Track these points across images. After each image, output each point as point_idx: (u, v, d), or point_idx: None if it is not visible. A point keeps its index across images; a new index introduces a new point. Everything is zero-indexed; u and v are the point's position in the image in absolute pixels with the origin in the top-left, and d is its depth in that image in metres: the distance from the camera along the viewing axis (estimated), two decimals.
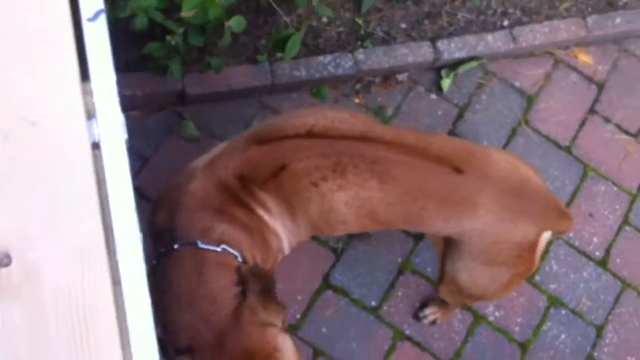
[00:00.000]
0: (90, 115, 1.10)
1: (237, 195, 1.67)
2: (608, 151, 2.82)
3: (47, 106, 1.08)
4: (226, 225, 1.67)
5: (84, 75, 1.14)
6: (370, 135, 1.69)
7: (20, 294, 1.00)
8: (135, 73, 2.40)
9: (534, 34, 2.79)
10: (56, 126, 1.08)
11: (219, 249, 1.63)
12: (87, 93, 1.11)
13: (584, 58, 2.92)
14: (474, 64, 2.76)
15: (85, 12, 1.15)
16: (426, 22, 2.75)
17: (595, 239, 2.70)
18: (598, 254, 2.68)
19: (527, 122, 2.79)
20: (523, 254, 1.80)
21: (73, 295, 1.01)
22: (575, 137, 2.81)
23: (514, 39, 2.77)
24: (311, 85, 2.61)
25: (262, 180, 1.67)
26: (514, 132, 2.77)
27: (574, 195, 2.73)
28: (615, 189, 2.78)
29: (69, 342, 0.99)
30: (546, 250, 2.63)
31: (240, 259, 1.64)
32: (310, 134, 1.68)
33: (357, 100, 2.67)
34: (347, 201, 1.69)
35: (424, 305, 2.46)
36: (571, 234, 2.67)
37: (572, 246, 2.67)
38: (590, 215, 2.72)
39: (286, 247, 1.79)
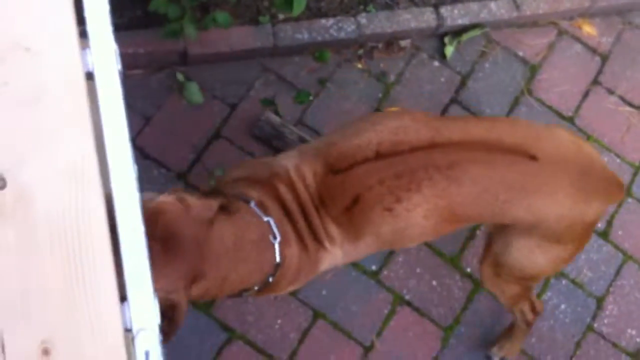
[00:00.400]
0: (84, 45, 1.10)
1: (309, 216, 1.67)
2: (611, 123, 2.81)
3: (42, 33, 1.08)
4: (290, 228, 1.66)
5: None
6: (439, 140, 1.66)
7: (15, 216, 1.00)
8: (138, 31, 2.39)
9: (537, 3, 2.77)
10: (50, 53, 1.07)
11: (275, 242, 1.61)
12: (81, 22, 1.11)
13: (588, 29, 2.90)
14: (477, 31, 2.75)
15: None
16: None
17: None
18: (600, 225, 2.67)
19: (530, 92, 2.78)
20: (589, 230, 1.86)
21: (67, 216, 1.01)
22: (578, 108, 2.80)
23: (518, 7, 2.75)
24: (313, 48, 2.60)
25: (335, 212, 1.67)
26: (516, 101, 2.76)
27: None
28: (618, 160, 2.77)
29: (63, 263, 0.99)
30: None
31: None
32: (379, 155, 1.65)
33: (359, 66, 2.66)
34: (425, 215, 1.67)
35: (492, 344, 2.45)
36: None
37: None
38: None
39: (330, 266, 1.78)
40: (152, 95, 2.47)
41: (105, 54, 1.10)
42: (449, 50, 2.72)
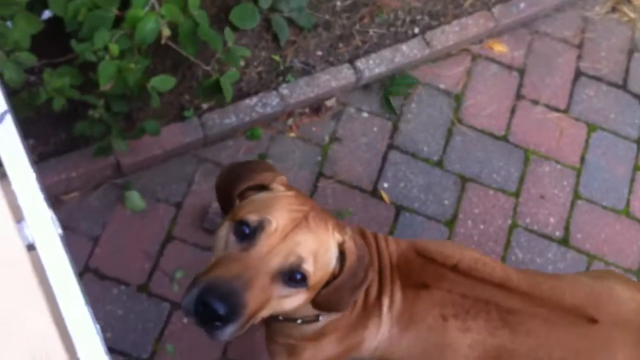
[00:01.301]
0: (18, 218, 1.08)
1: (382, 272, 1.68)
2: (543, 132, 2.88)
3: None
4: None
5: (2, 174, 1.12)
6: (509, 284, 1.71)
7: None
8: (66, 155, 2.37)
9: (445, 35, 2.85)
10: None
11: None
12: (8, 193, 1.10)
13: (499, 48, 2.98)
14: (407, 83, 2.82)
15: None
16: (340, 45, 2.78)
17: (551, 219, 2.74)
18: (558, 233, 2.73)
19: (460, 121, 2.84)
20: None
21: None
22: (509, 125, 2.87)
23: (428, 44, 2.82)
24: (244, 129, 2.61)
25: (406, 283, 1.69)
26: (450, 133, 2.81)
27: (521, 181, 2.78)
28: (559, 166, 2.83)
29: None
30: (507, 241, 2.67)
31: None
32: (455, 269, 1.71)
33: (292, 135, 2.68)
34: (471, 344, 1.69)
35: None
36: (527, 219, 2.72)
37: (531, 231, 2.71)
38: (542, 197, 2.77)
39: (368, 349, 1.75)
40: (94, 214, 2.43)
41: (43, 223, 1.08)
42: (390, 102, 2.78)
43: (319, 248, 1.41)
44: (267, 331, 1.79)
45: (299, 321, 1.64)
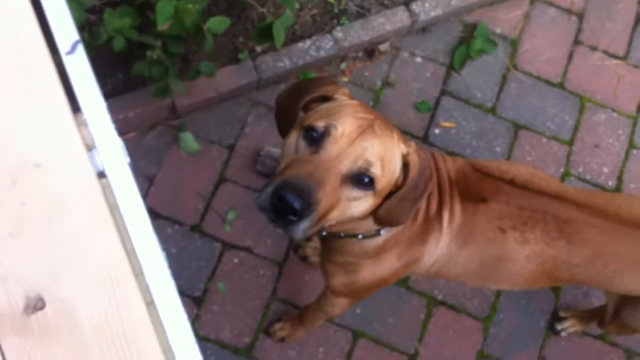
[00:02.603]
0: (89, 146, 1.11)
1: (441, 187, 1.71)
2: (600, 79, 2.82)
3: (47, 145, 1.09)
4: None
5: (75, 107, 1.15)
6: (564, 195, 1.72)
7: (60, 332, 1.01)
8: (124, 95, 2.41)
9: None
10: (59, 163, 1.09)
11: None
12: (81, 124, 1.12)
13: None
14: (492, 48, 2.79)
15: (62, 46, 1.15)
16: None
17: (605, 169, 2.70)
18: (611, 183, 2.69)
19: (515, 67, 2.79)
20: None
21: (112, 323, 1.02)
22: (565, 72, 2.81)
23: None
24: (296, 73, 2.61)
25: (465, 197, 1.71)
26: (504, 79, 2.77)
27: (575, 129, 2.74)
28: (615, 115, 2.78)
29: None
30: None
31: None
32: (512, 182, 1.72)
33: (344, 79, 2.68)
34: (529, 255, 1.72)
35: (562, 319, 2.49)
36: (580, 169, 2.68)
37: (584, 180, 2.68)
38: (596, 146, 2.73)
39: (426, 264, 1.78)
40: (150, 154, 2.48)
41: (113, 151, 1.11)
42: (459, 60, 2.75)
43: (385, 154, 1.43)
44: (324, 252, 1.82)
45: (360, 236, 1.65)
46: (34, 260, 1.04)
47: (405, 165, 1.48)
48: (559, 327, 2.48)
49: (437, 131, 2.67)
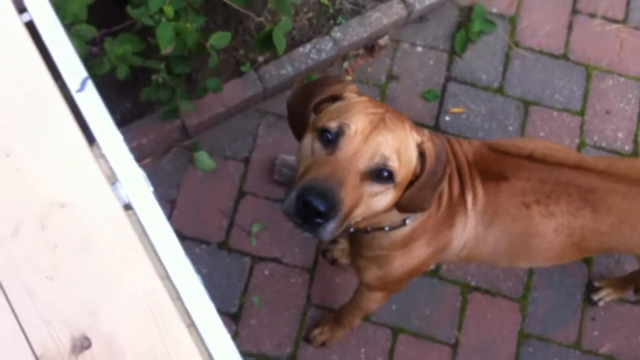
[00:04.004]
0: (112, 180, 1.12)
1: (461, 170, 1.72)
2: (603, 45, 2.81)
3: (70, 185, 1.10)
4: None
5: (91, 139, 1.16)
6: (584, 165, 1.72)
7: None
8: (134, 123, 2.42)
9: None
10: (84, 200, 1.10)
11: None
12: (99, 157, 1.14)
13: None
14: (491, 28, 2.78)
15: (72, 84, 1.17)
16: None
17: (619, 134, 2.69)
18: (627, 147, 2.68)
19: (517, 44, 2.78)
20: None
21: (156, 351, 1.03)
22: (567, 42, 2.80)
23: None
24: (300, 78, 2.62)
25: (486, 177, 1.72)
26: (508, 58, 2.76)
27: (585, 98, 2.72)
28: (622, 79, 2.77)
29: None
30: None
31: None
32: (530, 157, 1.72)
33: (349, 77, 2.68)
34: (556, 228, 1.71)
35: (598, 289, 2.48)
36: (595, 137, 2.67)
37: (600, 148, 2.67)
38: (608, 112, 2.72)
39: (455, 249, 1.78)
40: (168, 178, 2.49)
41: (136, 182, 1.12)
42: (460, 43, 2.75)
43: (400, 145, 1.43)
44: (354, 248, 1.83)
45: (387, 228, 1.66)
46: (74, 300, 1.05)
47: (422, 154, 1.49)
48: (595, 297, 2.47)
49: (447, 118, 2.66)
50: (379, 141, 1.42)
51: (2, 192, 1.08)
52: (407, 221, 1.66)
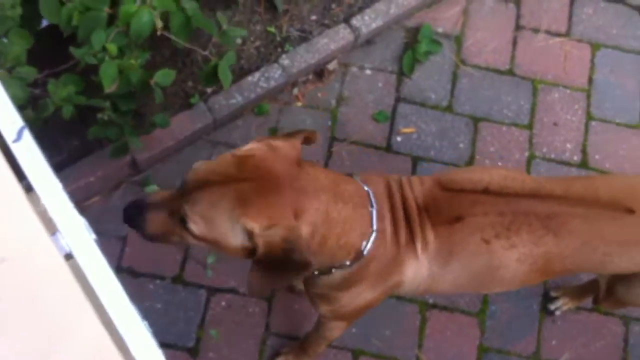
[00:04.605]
0: (52, 230, 1.10)
1: (410, 217, 1.69)
2: (548, 59, 2.87)
3: (8, 237, 1.08)
4: (388, 212, 1.66)
5: (29, 189, 1.14)
6: (542, 192, 1.72)
7: None
8: (82, 160, 2.39)
9: None
10: (24, 254, 1.08)
11: (373, 210, 1.62)
12: (35, 204, 1.12)
13: None
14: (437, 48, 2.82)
15: (8, 135, 1.15)
16: (334, 5, 2.77)
17: (568, 145, 2.74)
18: (576, 157, 2.73)
19: (463, 62, 2.82)
20: None
21: None
22: (513, 58, 2.85)
23: None
24: (251, 106, 2.62)
25: (437, 221, 1.69)
26: (455, 76, 2.80)
27: (532, 112, 2.77)
28: (568, 91, 2.83)
29: None
30: (527, 173, 2.67)
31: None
32: (486, 191, 1.70)
33: (299, 104, 2.69)
34: (519, 258, 1.71)
35: (554, 298, 2.51)
36: (544, 149, 2.72)
37: (550, 160, 2.71)
38: (555, 124, 2.77)
39: (410, 288, 1.77)
40: (118, 214, 2.40)
41: (77, 231, 1.11)
42: (408, 64, 2.77)
43: (208, 217, 1.44)
44: (305, 283, 1.83)
45: (316, 272, 1.67)
46: (21, 356, 1.03)
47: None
48: (552, 307, 2.50)
49: (399, 139, 2.69)
50: (188, 199, 1.46)
51: None
52: (333, 271, 1.65)
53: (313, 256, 1.47)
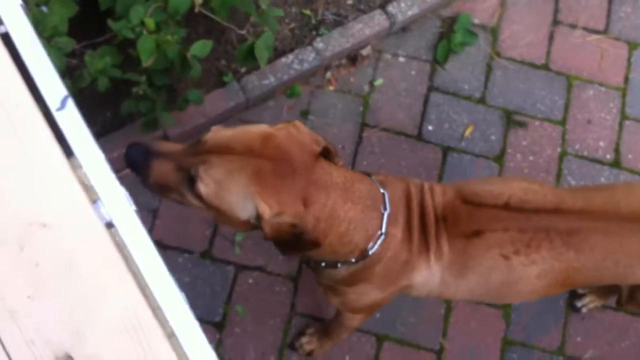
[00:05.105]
0: (93, 198, 1.11)
1: (426, 225, 1.68)
2: (584, 56, 2.83)
3: (50, 204, 1.09)
4: (403, 218, 1.65)
5: (70, 156, 1.14)
6: (563, 207, 1.70)
7: None
8: (115, 133, 2.40)
9: None
10: (65, 220, 1.09)
11: (385, 213, 1.61)
12: (80, 176, 1.12)
13: None
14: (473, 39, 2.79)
15: (52, 103, 1.15)
16: None
17: (601, 143, 2.71)
18: (609, 156, 2.70)
19: (498, 54, 2.80)
20: None
21: None
22: (548, 53, 2.82)
23: None
24: (283, 88, 2.62)
25: (454, 233, 1.68)
26: (489, 68, 2.78)
27: (566, 108, 2.74)
28: (603, 89, 2.79)
29: None
30: (558, 170, 2.65)
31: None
32: (507, 206, 1.69)
33: (331, 88, 2.68)
34: (539, 274, 1.70)
35: (581, 295, 2.49)
36: (577, 146, 2.69)
37: (582, 157, 2.68)
38: (589, 122, 2.74)
39: (420, 292, 1.77)
40: None
41: (118, 200, 1.11)
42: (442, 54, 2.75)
43: (222, 184, 1.42)
44: (314, 272, 1.84)
45: (323, 264, 1.68)
46: (57, 320, 1.04)
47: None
48: (578, 303, 2.49)
49: (430, 127, 2.67)
50: (211, 162, 1.43)
51: None
52: (339, 265, 1.65)
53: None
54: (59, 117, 1.14)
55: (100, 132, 2.42)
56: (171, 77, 2.20)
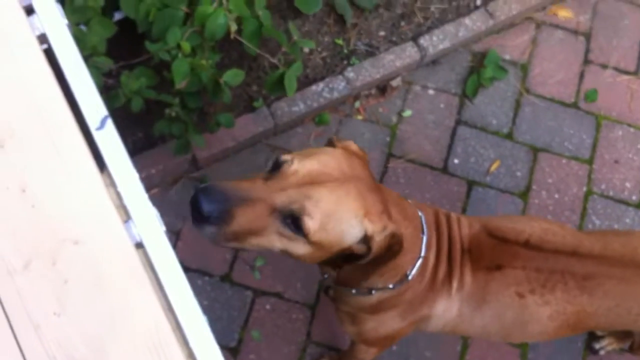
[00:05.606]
0: (125, 218, 1.13)
1: (452, 254, 1.69)
2: (614, 96, 2.83)
3: (84, 221, 1.11)
4: (433, 246, 1.66)
5: (104, 172, 1.17)
6: (581, 251, 1.71)
7: None
8: (145, 153, 2.44)
9: (508, 5, 2.81)
10: (97, 238, 1.11)
11: (424, 236, 1.61)
12: (114, 195, 1.15)
13: (564, 13, 2.93)
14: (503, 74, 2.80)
15: (92, 122, 1.18)
16: (403, 23, 2.78)
17: (627, 184, 2.70)
18: (635, 197, 2.68)
19: (527, 91, 2.80)
20: None
21: None
22: (578, 91, 2.82)
23: (491, 15, 2.79)
24: (312, 115, 2.64)
25: (477, 266, 1.70)
26: (518, 104, 2.78)
27: (594, 147, 2.74)
28: (632, 130, 2.78)
29: None
30: (583, 209, 2.64)
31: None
32: (527, 244, 1.70)
33: (359, 117, 2.70)
34: (551, 315, 1.71)
35: (600, 337, 2.48)
36: (603, 186, 2.68)
37: (607, 197, 2.67)
38: (616, 162, 2.73)
39: (436, 325, 1.78)
40: (174, 208, 2.50)
41: (149, 221, 1.13)
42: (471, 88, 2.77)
43: (332, 214, 1.34)
44: (334, 298, 1.83)
45: (354, 291, 1.65)
46: (80, 336, 1.06)
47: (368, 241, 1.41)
48: (597, 346, 2.46)
49: (456, 161, 2.68)
50: (311, 194, 1.33)
51: (15, 227, 1.09)
52: (373, 292, 1.64)
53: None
54: (97, 136, 1.17)
55: (132, 151, 2.45)
56: (203, 99, 2.23)
